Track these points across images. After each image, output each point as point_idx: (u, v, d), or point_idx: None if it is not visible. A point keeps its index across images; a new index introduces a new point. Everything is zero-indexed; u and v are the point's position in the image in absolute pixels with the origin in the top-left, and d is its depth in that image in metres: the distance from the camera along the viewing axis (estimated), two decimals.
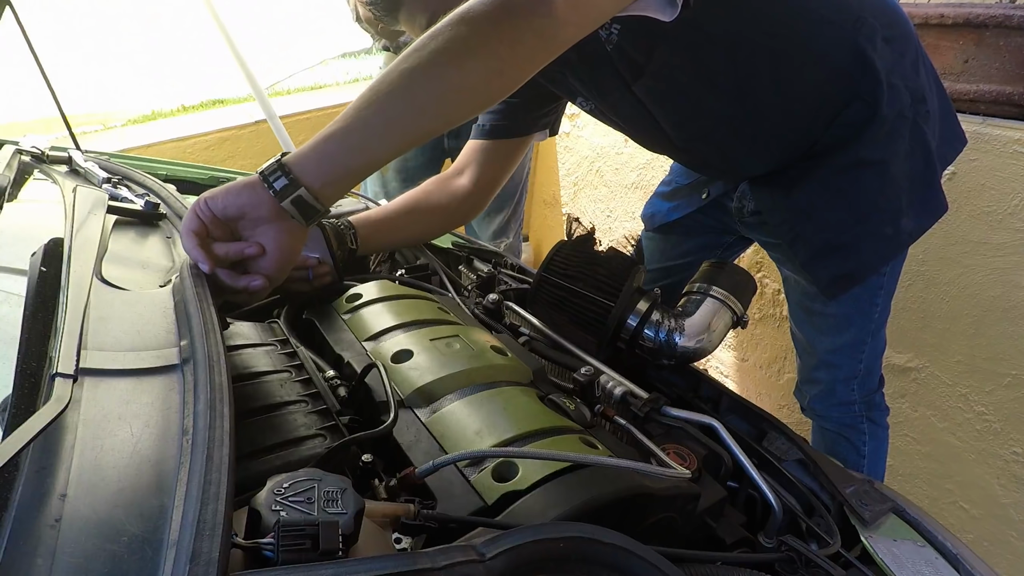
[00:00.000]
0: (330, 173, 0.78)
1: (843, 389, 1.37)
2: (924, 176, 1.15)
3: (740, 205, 1.26)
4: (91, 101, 2.43)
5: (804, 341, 1.38)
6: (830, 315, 1.29)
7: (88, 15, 2.22)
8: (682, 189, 1.42)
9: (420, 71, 0.74)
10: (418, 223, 1.28)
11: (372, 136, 0.77)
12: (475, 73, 0.74)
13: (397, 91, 0.75)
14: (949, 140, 1.21)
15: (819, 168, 1.11)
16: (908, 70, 1.10)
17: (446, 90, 0.74)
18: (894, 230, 1.16)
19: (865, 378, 1.36)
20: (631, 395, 0.94)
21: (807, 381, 1.43)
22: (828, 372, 1.36)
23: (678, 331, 1.03)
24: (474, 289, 1.28)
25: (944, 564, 0.80)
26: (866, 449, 1.40)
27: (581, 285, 1.05)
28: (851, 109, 1.07)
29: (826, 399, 1.40)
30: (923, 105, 1.11)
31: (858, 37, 1.03)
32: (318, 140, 0.78)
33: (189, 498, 0.47)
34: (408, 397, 0.82)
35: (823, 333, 1.33)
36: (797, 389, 1.48)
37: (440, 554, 0.50)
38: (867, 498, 0.86)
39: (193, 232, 0.79)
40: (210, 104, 2.94)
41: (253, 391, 0.76)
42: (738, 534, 0.83)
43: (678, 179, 1.45)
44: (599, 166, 2.88)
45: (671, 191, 1.46)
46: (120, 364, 0.62)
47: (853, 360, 1.33)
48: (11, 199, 1.05)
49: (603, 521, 0.60)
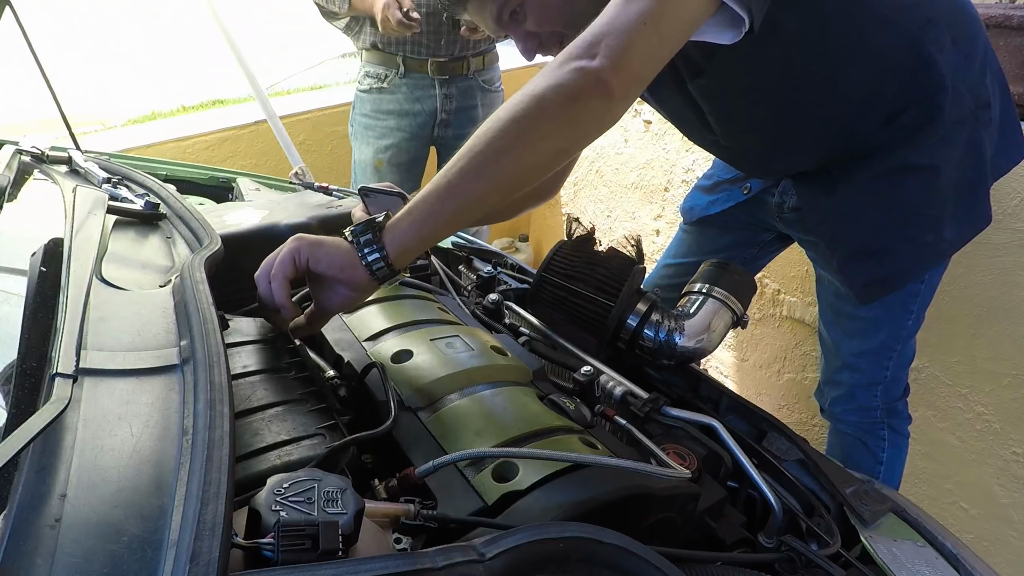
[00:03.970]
0: (415, 249, 0.84)
1: (865, 394, 1.33)
2: (973, 185, 1.12)
3: (781, 200, 1.25)
4: (91, 101, 2.43)
5: (830, 342, 1.35)
6: (860, 318, 1.26)
7: (88, 15, 2.22)
8: (723, 183, 1.41)
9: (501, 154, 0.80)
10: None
11: (456, 214, 0.82)
12: (547, 153, 0.82)
13: (480, 172, 0.81)
14: (1006, 150, 1.16)
15: (863, 170, 1.09)
16: (975, 74, 1.06)
17: (524, 170, 0.82)
18: (935, 237, 1.12)
19: (890, 385, 1.32)
20: (631, 395, 0.94)
21: (829, 383, 1.39)
22: (851, 375, 1.33)
23: (678, 331, 1.03)
24: (474, 289, 1.28)
25: (944, 564, 0.80)
26: (884, 456, 1.37)
27: (581, 285, 1.05)
28: (907, 113, 1.04)
29: (847, 402, 1.36)
30: (986, 111, 1.07)
31: (924, 39, 1.00)
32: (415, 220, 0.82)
33: (189, 498, 0.47)
34: (408, 397, 0.82)
35: (851, 336, 1.30)
36: (818, 390, 1.44)
37: (440, 554, 0.50)
38: (867, 498, 0.86)
39: (287, 279, 0.81)
40: (210, 104, 2.94)
41: (253, 390, 0.76)
42: (738, 534, 0.83)
43: (720, 173, 1.44)
44: (599, 166, 2.88)
45: (712, 184, 1.44)
46: (120, 364, 0.62)
47: (879, 366, 1.30)
48: (11, 199, 1.05)
49: (603, 521, 0.60)
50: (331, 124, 2.71)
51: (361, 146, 2.16)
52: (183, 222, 1.02)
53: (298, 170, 1.50)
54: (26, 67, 1.16)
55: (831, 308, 1.32)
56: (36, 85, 1.18)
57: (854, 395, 1.34)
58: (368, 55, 2.08)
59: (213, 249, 0.90)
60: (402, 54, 2.02)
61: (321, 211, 1.27)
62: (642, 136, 2.63)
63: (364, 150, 2.15)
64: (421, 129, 2.14)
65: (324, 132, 2.70)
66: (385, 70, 2.05)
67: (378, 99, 2.08)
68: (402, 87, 2.06)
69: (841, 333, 1.31)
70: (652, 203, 2.67)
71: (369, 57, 2.07)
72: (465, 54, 2.08)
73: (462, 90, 2.13)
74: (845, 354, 1.32)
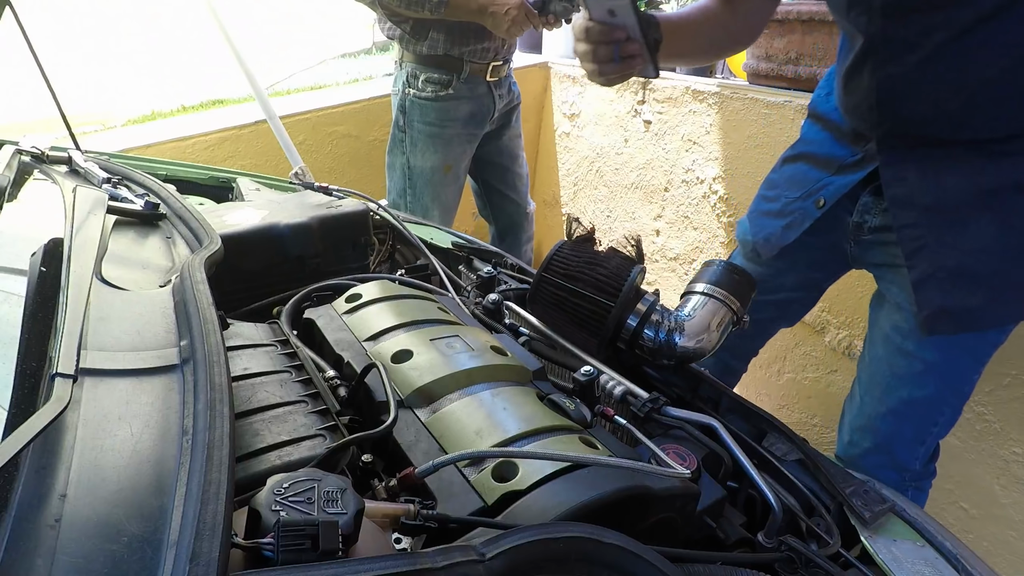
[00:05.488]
0: None
1: (906, 452, 1.13)
2: None
3: (861, 220, 1.10)
4: (91, 101, 2.43)
5: (874, 382, 1.15)
6: (919, 359, 1.06)
7: (88, 15, 2.22)
8: (793, 201, 1.20)
9: None
10: (708, 34, 1.19)
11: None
12: None
13: None
14: None
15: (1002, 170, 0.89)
16: None
17: None
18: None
19: (932, 445, 1.14)
20: (631, 395, 0.94)
21: (863, 430, 1.17)
22: (894, 426, 1.12)
23: (678, 331, 1.03)
24: (474, 289, 1.28)
25: (944, 564, 0.80)
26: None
27: (581, 285, 1.05)
28: None
29: (881, 457, 1.15)
30: None
31: None
32: None
33: (189, 498, 0.47)
34: (408, 397, 0.82)
35: (902, 379, 1.09)
36: (843, 436, 1.22)
37: (440, 554, 0.50)
38: (867, 498, 0.86)
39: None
40: (210, 104, 2.94)
41: (253, 391, 0.76)
42: (738, 534, 0.83)
43: (785, 193, 1.23)
44: (599, 166, 2.88)
45: (780, 207, 1.23)
46: (120, 364, 0.62)
47: (929, 421, 1.10)
48: (11, 199, 1.05)
49: (603, 521, 0.60)
50: (331, 124, 2.71)
51: (424, 154, 2.13)
52: (183, 222, 1.02)
53: (298, 170, 1.50)
54: (26, 67, 1.16)
55: (885, 341, 1.12)
56: (36, 85, 1.18)
57: (892, 450, 1.14)
58: (426, 60, 2.05)
59: (213, 249, 0.90)
60: (469, 60, 2.03)
61: (321, 211, 1.27)
62: (642, 136, 2.63)
63: (429, 158, 2.13)
64: (478, 129, 2.18)
65: (324, 132, 2.70)
66: (449, 76, 2.05)
67: (444, 107, 2.07)
68: (464, 91, 2.07)
69: (891, 374, 1.11)
70: (652, 203, 2.67)
71: (428, 62, 2.04)
72: (510, 56, 2.16)
73: (507, 89, 2.21)
74: (892, 400, 1.11)
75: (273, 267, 1.21)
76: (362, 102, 2.78)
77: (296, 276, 1.22)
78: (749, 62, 2.21)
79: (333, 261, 1.30)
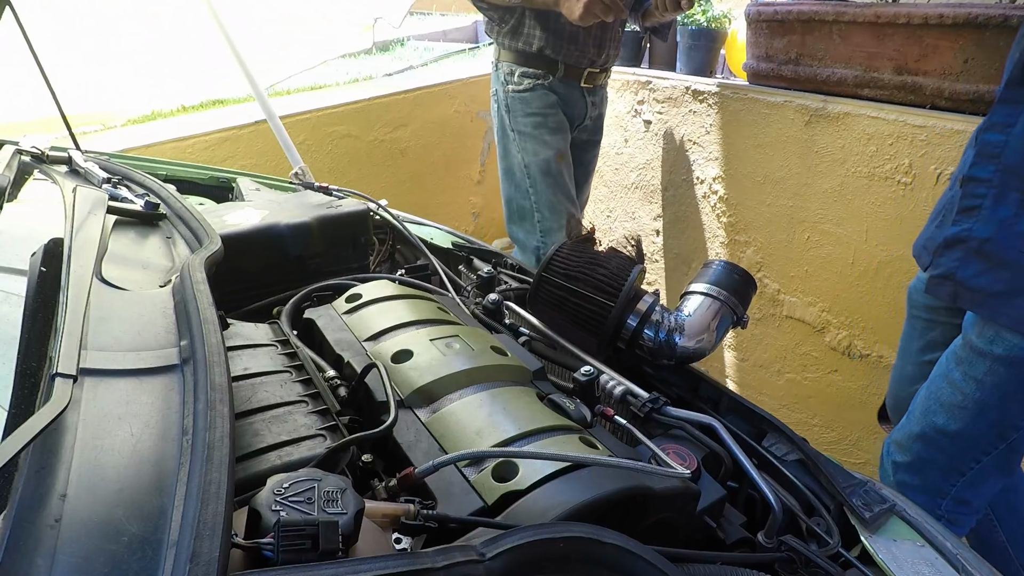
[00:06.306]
0: None
1: (940, 478, 1.06)
2: None
3: None
4: (91, 101, 2.42)
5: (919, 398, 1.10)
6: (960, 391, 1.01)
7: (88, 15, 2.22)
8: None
9: None
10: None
11: None
12: None
13: None
14: None
15: None
16: None
17: None
18: None
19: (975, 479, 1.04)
20: (631, 395, 0.94)
21: (901, 445, 1.12)
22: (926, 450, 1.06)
23: (678, 331, 1.03)
24: (474, 289, 1.28)
25: (944, 564, 0.80)
26: None
27: (581, 285, 1.05)
28: None
29: (913, 473, 1.09)
30: None
31: None
32: None
33: (189, 498, 0.47)
34: (408, 397, 0.82)
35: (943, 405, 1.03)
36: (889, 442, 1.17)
37: (440, 554, 0.50)
38: (867, 498, 0.86)
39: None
40: (210, 104, 2.93)
41: (253, 391, 0.76)
42: (738, 534, 0.83)
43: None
44: (599, 166, 2.88)
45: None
46: (120, 364, 0.62)
47: (972, 453, 1.03)
48: (11, 199, 1.05)
49: (603, 521, 0.60)
50: (331, 124, 2.71)
51: (533, 147, 2.11)
52: (183, 222, 1.02)
53: (298, 170, 1.50)
54: (26, 67, 1.16)
55: (946, 361, 1.06)
56: (36, 85, 1.18)
57: (923, 470, 1.07)
58: (522, 57, 2.05)
59: (213, 249, 0.90)
60: (564, 62, 2.03)
61: (321, 211, 1.27)
62: (642, 136, 2.64)
63: (541, 151, 2.10)
64: (572, 127, 2.18)
65: (324, 132, 2.70)
66: (544, 72, 2.05)
67: (544, 95, 2.07)
68: (560, 88, 2.08)
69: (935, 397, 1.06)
70: (652, 203, 2.67)
71: (524, 59, 2.05)
72: (608, 66, 2.14)
73: (600, 98, 2.21)
74: (936, 422, 1.05)
75: (273, 267, 1.21)
76: (362, 102, 2.78)
77: (296, 276, 1.22)
78: (749, 62, 2.21)
79: (333, 261, 1.30)
